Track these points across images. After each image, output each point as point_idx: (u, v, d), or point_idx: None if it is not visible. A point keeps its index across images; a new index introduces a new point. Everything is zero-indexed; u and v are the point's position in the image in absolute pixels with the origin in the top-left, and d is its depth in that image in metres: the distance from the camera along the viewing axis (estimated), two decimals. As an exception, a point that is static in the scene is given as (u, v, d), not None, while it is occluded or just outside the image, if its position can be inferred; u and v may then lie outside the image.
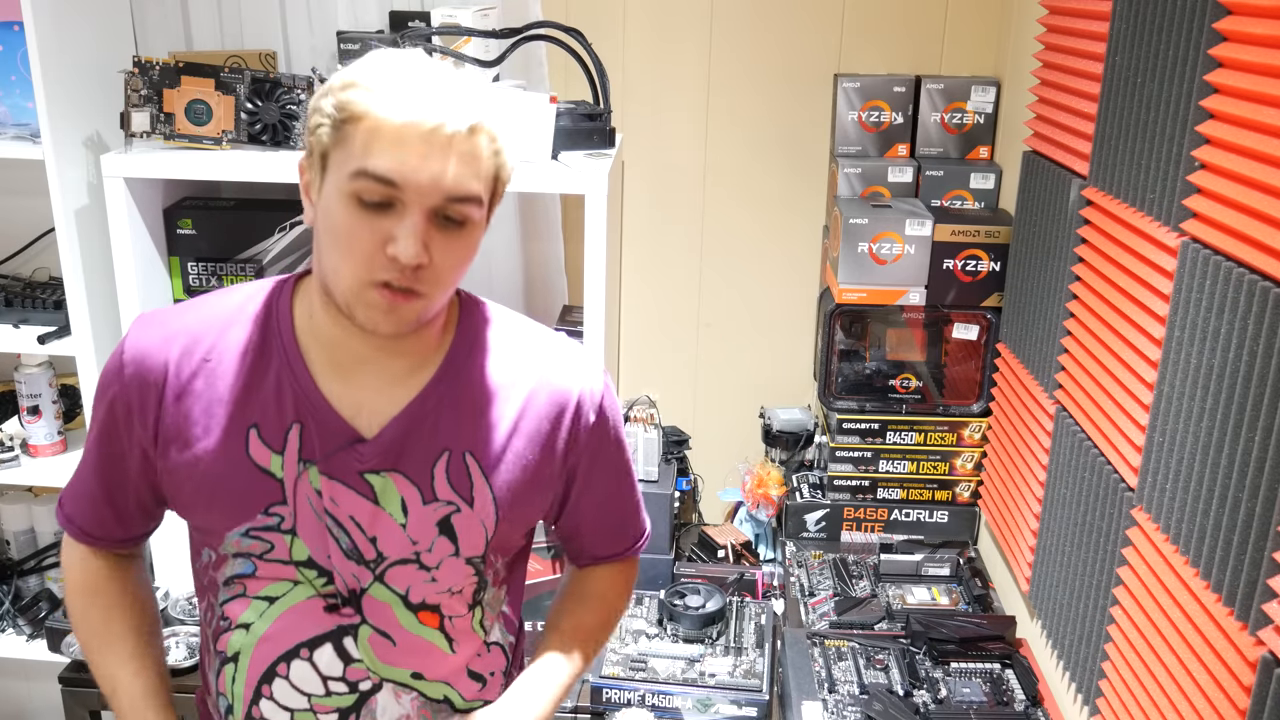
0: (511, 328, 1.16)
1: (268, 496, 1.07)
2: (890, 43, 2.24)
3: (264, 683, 1.11)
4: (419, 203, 0.95)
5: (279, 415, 1.06)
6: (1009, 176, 2.09)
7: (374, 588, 1.10)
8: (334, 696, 1.11)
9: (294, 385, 1.06)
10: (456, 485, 1.09)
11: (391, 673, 1.12)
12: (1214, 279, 1.17)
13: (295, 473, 1.06)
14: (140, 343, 1.08)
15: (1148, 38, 1.38)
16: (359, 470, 1.07)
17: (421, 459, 1.08)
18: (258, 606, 1.10)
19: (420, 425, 1.08)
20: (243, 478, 1.06)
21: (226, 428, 1.06)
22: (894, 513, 2.15)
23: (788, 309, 2.42)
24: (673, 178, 2.36)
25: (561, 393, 1.14)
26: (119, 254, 1.96)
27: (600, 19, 2.24)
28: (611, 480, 1.23)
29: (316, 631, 1.10)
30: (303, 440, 1.06)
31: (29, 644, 2.21)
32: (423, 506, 1.09)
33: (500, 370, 1.12)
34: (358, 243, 0.96)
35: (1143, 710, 1.30)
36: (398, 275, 0.97)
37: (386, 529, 1.08)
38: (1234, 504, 1.11)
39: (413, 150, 0.94)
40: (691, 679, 1.85)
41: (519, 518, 1.15)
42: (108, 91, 1.99)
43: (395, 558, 1.09)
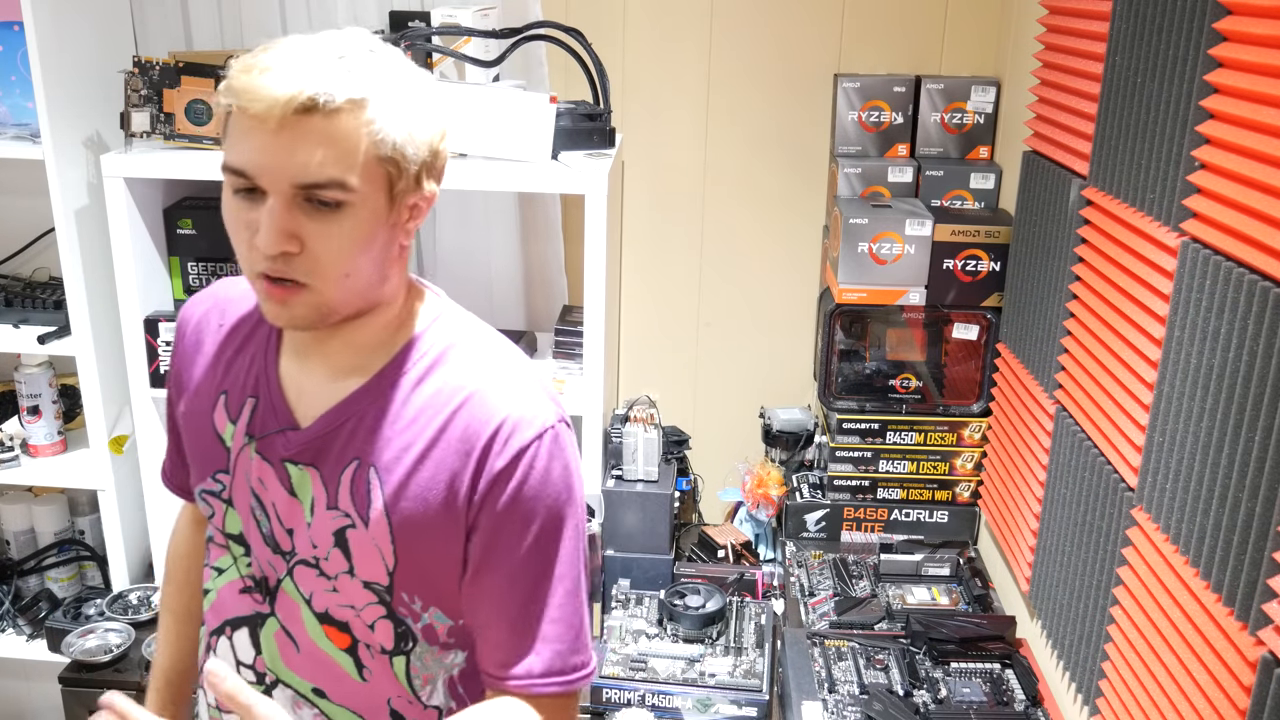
0: (471, 345, 1.05)
1: (216, 462, 1.10)
2: (890, 43, 2.24)
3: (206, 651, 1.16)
4: (274, 189, 0.91)
5: (243, 387, 1.09)
6: (1009, 176, 2.09)
7: (286, 582, 1.07)
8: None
9: (261, 362, 1.09)
10: (356, 498, 1.02)
11: (291, 679, 1.08)
12: (1214, 279, 1.17)
13: (240, 445, 1.08)
14: (188, 305, 1.18)
15: (1148, 38, 1.38)
16: (283, 456, 1.05)
17: (335, 462, 1.03)
18: (211, 575, 1.15)
19: (343, 427, 1.03)
20: (206, 439, 1.11)
21: (207, 389, 1.12)
22: (894, 513, 2.15)
23: (788, 309, 2.42)
24: (673, 178, 2.36)
25: (480, 423, 0.99)
26: (119, 254, 1.96)
27: (600, 19, 2.24)
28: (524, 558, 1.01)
29: (240, 612, 1.11)
30: (253, 415, 1.08)
31: (29, 644, 2.21)
32: (325, 511, 1.03)
33: (435, 389, 1.02)
34: (236, 235, 0.96)
35: (1143, 710, 1.30)
36: (269, 265, 0.93)
37: (299, 524, 1.05)
38: (1234, 504, 1.11)
39: (257, 138, 0.90)
40: (691, 679, 1.85)
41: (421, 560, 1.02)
42: (108, 91, 1.99)
43: (300, 556, 1.05)
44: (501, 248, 2.33)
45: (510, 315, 2.39)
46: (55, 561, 2.29)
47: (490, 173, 1.89)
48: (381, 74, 0.93)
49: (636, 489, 2.09)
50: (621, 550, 2.09)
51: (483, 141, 1.88)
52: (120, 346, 2.04)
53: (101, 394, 2.07)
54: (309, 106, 0.89)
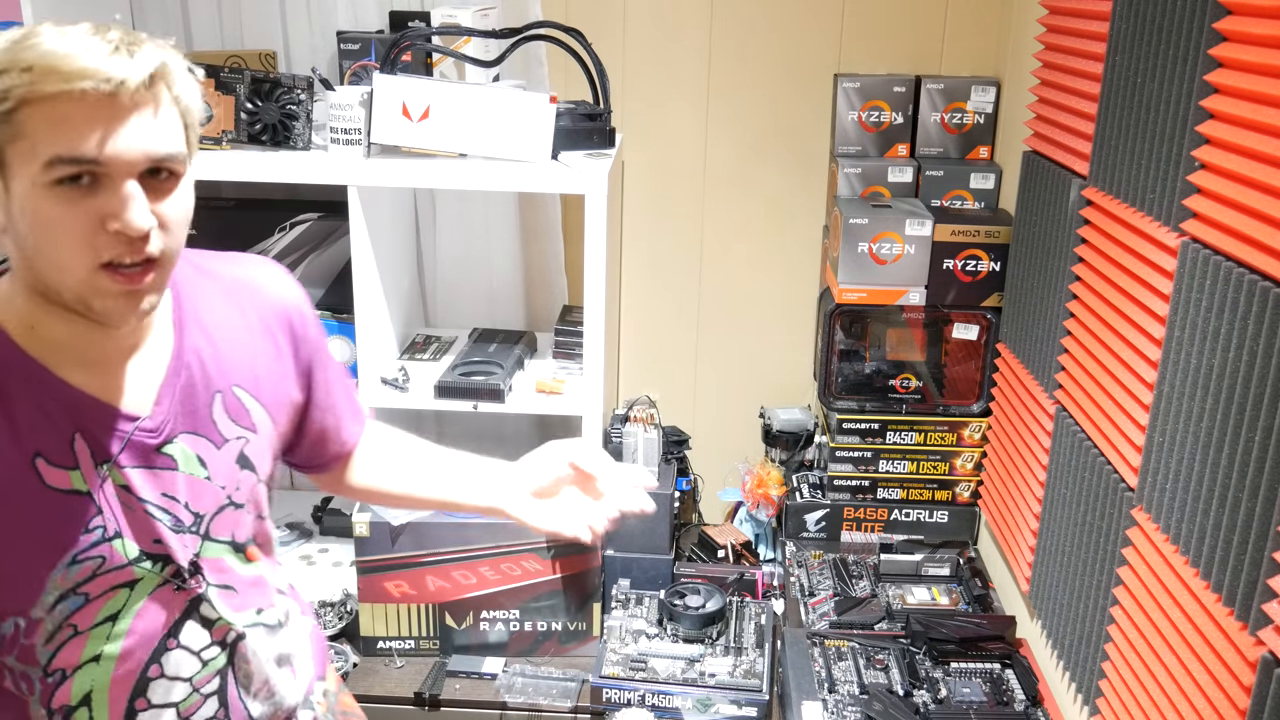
0: (209, 261, 1.18)
1: (83, 514, 1.00)
2: (890, 43, 2.24)
3: (136, 698, 1.07)
4: (126, 171, 0.90)
5: (55, 433, 0.99)
6: (1009, 176, 2.09)
7: (204, 547, 1.10)
8: (210, 664, 1.12)
9: (55, 397, 0.99)
10: (238, 419, 1.12)
11: (243, 618, 1.14)
12: (1214, 279, 1.17)
13: (98, 479, 1.01)
14: None
15: (1148, 38, 1.38)
16: (155, 447, 1.05)
17: (201, 411, 1.09)
18: (99, 634, 1.04)
19: (186, 383, 1.08)
20: (50, 508, 0.99)
21: (9, 469, 0.97)
22: (894, 513, 2.15)
23: (788, 309, 2.42)
24: (673, 178, 2.36)
25: (277, 304, 1.18)
26: (119, 254, 1.96)
27: (600, 19, 2.24)
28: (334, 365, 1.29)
29: (173, 617, 1.08)
30: (91, 445, 1.01)
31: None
32: (218, 451, 1.10)
33: (224, 304, 1.14)
34: (73, 229, 0.90)
35: (1143, 710, 1.30)
36: (127, 248, 0.92)
37: (196, 488, 1.08)
38: (1234, 504, 1.11)
39: (97, 120, 0.88)
40: (691, 679, 1.85)
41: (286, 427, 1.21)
42: (108, 91, 1.99)
43: (212, 510, 1.10)
44: (501, 248, 2.33)
45: (510, 315, 2.39)
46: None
47: (490, 173, 1.89)
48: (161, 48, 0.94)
49: (636, 489, 2.09)
50: (621, 550, 2.09)
51: (483, 141, 1.88)
52: (120, 346, 2.03)
53: (101, 394, 2.07)
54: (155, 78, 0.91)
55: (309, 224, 2.08)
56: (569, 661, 2.02)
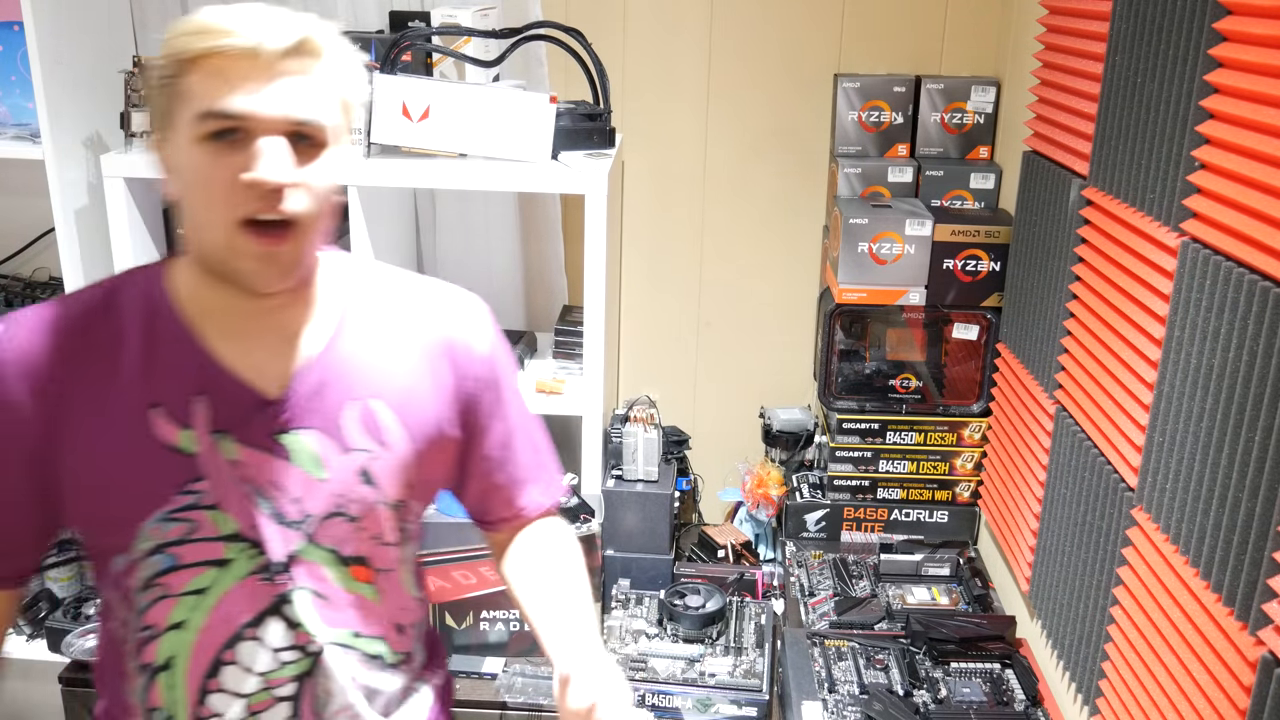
0: (395, 277, 1.18)
1: (181, 474, 1.03)
2: (890, 43, 2.24)
3: (210, 677, 1.09)
4: (266, 128, 0.95)
5: (180, 390, 1.03)
6: (1009, 176, 2.09)
7: (305, 549, 1.08)
8: (287, 667, 1.10)
9: (191, 358, 1.04)
10: (370, 432, 1.10)
11: (332, 634, 1.12)
12: (1214, 279, 1.17)
13: (208, 445, 1.04)
14: (17, 345, 1.03)
15: (1148, 38, 1.38)
16: (271, 432, 1.06)
17: (331, 412, 1.08)
18: (187, 603, 1.07)
19: (324, 379, 1.08)
20: (150, 459, 1.03)
21: (124, 412, 1.03)
22: (894, 513, 2.15)
23: (788, 309, 2.42)
24: (673, 178, 2.36)
25: (449, 335, 1.16)
26: (119, 254, 1.96)
27: (600, 19, 2.24)
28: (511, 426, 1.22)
29: (258, 608, 1.08)
30: (212, 411, 1.04)
31: (29, 644, 2.21)
32: (340, 457, 1.08)
33: (393, 317, 1.14)
34: (216, 180, 0.96)
35: (1143, 710, 1.30)
36: (263, 202, 0.96)
37: (308, 487, 1.07)
38: (1234, 504, 1.11)
39: (245, 78, 0.94)
40: (691, 679, 1.85)
41: (432, 461, 1.16)
42: (108, 91, 1.99)
43: (321, 514, 1.08)
44: (501, 248, 2.33)
45: (510, 315, 2.39)
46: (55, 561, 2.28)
47: (490, 173, 1.89)
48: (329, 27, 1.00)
49: (636, 489, 2.09)
50: (621, 550, 2.09)
51: (483, 141, 1.88)
52: (120, 346, 2.04)
53: (101, 394, 2.07)
54: (304, 48, 0.96)
55: (309, 224, 2.08)
56: (569, 661, 2.02)
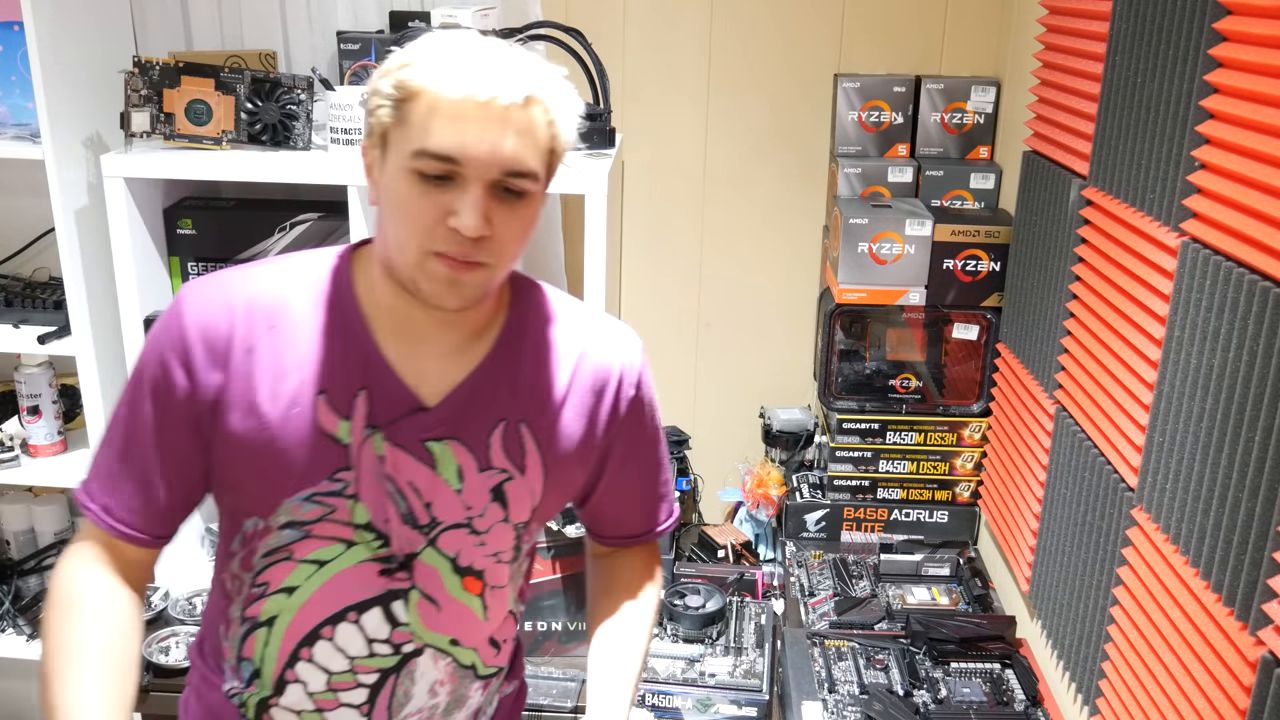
0: (560, 303, 1.20)
1: (334, 462, 1.07)
2: (890, 43, 2.24)
3: (304, 645, 1.12)
4: (478, 176, 0.97)
5: (346, 382, 1.07)
6: (1009, 176, 2.09)
7: (425, 552, 1.12)
8: (377, 658, 1.14)
9: (360, 353, 1.08)
10: (510, 453, 1.13)
11: (433, 638, 1.15)
12: (1214, 279, 1.17)
13: (361, 438, 1.07)
14: (203, 310, 1.06)
15: (1148, 38, 1.38)
16: (421, 438, 1.09)
17: (479, 428, 1.11)
18: (304, 570, 1.11)
19: (479, 395, 1.11)
20: (310, 443, 1.06)
21: (294, 395, 1.06)
22: (894, 513, 2.15)
23: (788, 309, 2.42)
24: (673, 178, 2.36)
25: (604, 367, 1.18)
26: (119, 254, 1.96)
27: (600, 19, 2.24)
28: (646, 457, 1.26)
29: (366, 595, 1.11)
30: (370, 407, 1.07)
31: (29, 644, 2.21)
32: (478, 473, 1.12)
33: (551, 344, 1.16)
34: (420, 215, 0.98)
35: (1143, 710, 1.30)
36: (458, 247, 0.99)
37: (442, 495, 1.11)
38: (1234, 504, 1.11)
39: (469, 126, 0.96)
40: (691, 679, 1.85)
41: (562, 486, 1.19)
42: (108, 91, 1.99)
43: (449, 522, 1.12)
44: (502, 248, 2.32)
45: (510, 315, 2.38)
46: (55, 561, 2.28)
47: (490, 173, 1.89)
48: (552, 75, 1.02)
49: (636, 489, 2.09)
50: (621, 550, 2.09)
51: (483, 141, 1.87)
52: (120, 346, 2.04)
53: (101, 394, 2.07)
54: (530, 102, 0.98)
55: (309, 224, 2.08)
56: (569, 661, 2.02)
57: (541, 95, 0.99)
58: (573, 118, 1.04)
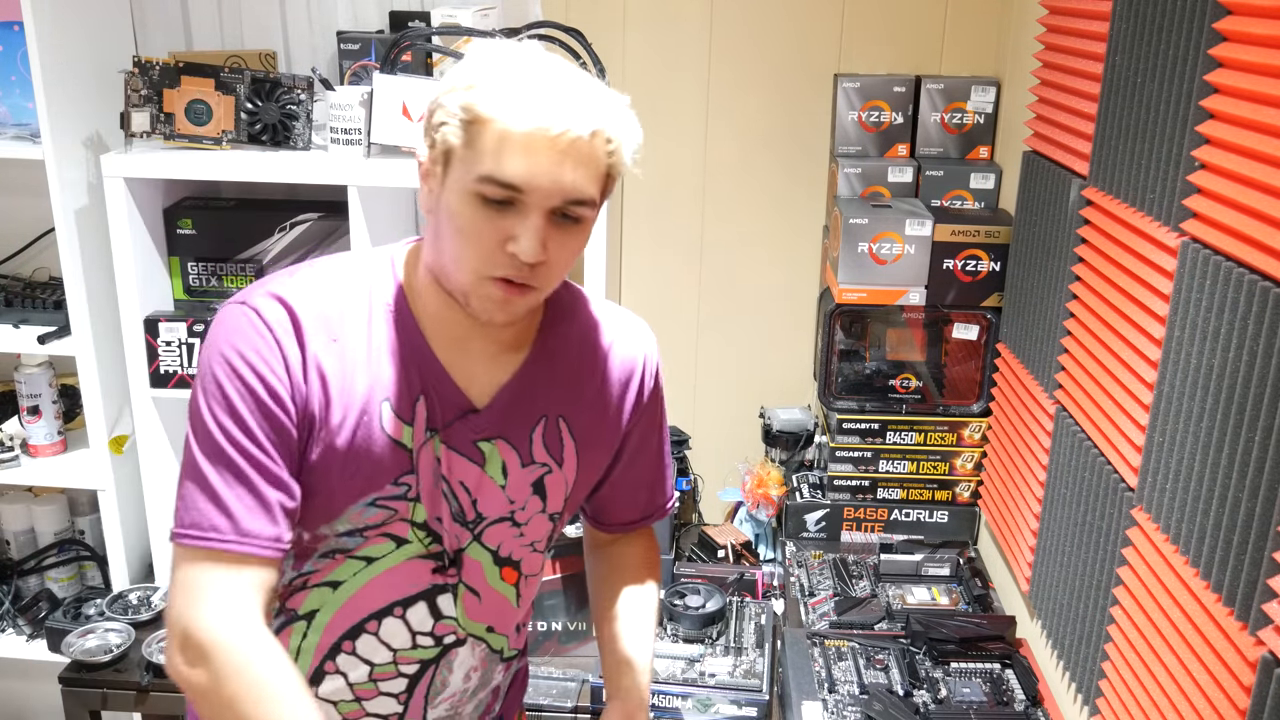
0: (585, 298, 1.24)
1: (400, 466, 1.10)
2: (890, 43, 2.24)
3: (347, 638, 1.15)
4: (541, 204, 0.99)
5: (407, 388, 1.09)
6: (1009, 176, 2.09)
7: (470, 547, 1.16)
8: (419, 649, 1.18)
9: (417, 359, 1.10)
10: (550, 448, 1.18)
11: (474, 628, 1.20)
12: (1214, 279, 1.17)
13: (421, 441, 1.10)
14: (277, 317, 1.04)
15: (1148, 38, 1.38)
16: (473, 439, 1.13)
17: (522, 425, 1.15)
18: (352, 565, 1.13)
19: (522, 394, 1.15)
20: (379, 450, 1.08)
21: (362, 404, 1.07)
22: (894, 513, 2.15)
23: (788, 309, 2.42)
24: (673, 178, 2.36)
25: (630, 358, 1.23)
26: (119, 254, 1.96)
27: (600, 19, 2.24)
28: (656, 443, 1.31)
29: (413, 590, 1.15)
30: (428, 412, 1.10)
31: (29, 644, 2.21)
32: (521, 469, 1.16)
33: (583, 340, 1.20)
34: (481, 238, 1.00)
35: (1143, 710, 1.30)
36: (516, 271, 1.02)
37: (488, 491, 1.15)
38: (1234, 504, 1.11)
39: (539, 157, 0.97)
40: (691, 679, 1.85)
41: (589, 475, 1.24)
42: (108, 91, 1.99)
43: (493, 517, 1.16)
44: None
45: (510, 315, 2.38)
46: (55, 561, 2.29)
47: (490, 173, 1.89)
48: (618, 105, 1.04)
49: (636, 489, 2.09)
50: (621, 550, 2.09)
51: (483, 141, 1.87)
52: (120, 346, 2.04)
53: (101, 394, 2.07)
54: (594, 135, 0.99)
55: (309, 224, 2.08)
56: (569, 661, 2.02)
57: (608, 128, 1.01)
58: (633, 145, 1.06)
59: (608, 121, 1.01)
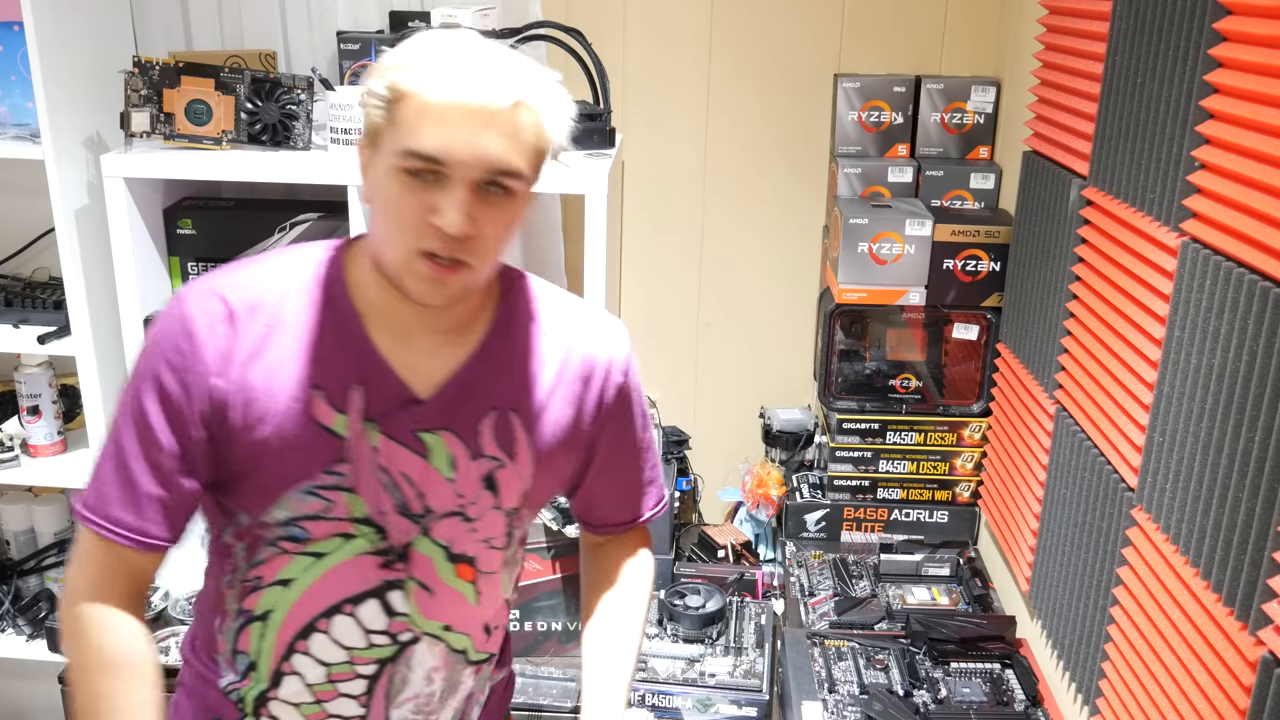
0: (548, 295, 1.22)
1: (331, 455, 1.09)
2: (890, 43, 2.24)
3: (300, 638, 1.14)
4: (463, 176, 0.99)
5: (342, 376, 1.09)
6: (1009, 176, 2.09)
7: (419, 542, 1.14)
8: (375, 649, 1.16)
9: (355, 348, 1.09)
10: (501, 441, 1.14)
11: (428, 625, 1.17)
12: (1214, 279, 1.17)
13: (358, 431, 1.09)
14: (202, 312, 1.07)
15: (1148, 38, 1.38)
16: (414, 429, 1.11)
17: (470, 417, 1.13)
18: (301, 562, 1.12)
19: (470, 386, 1.13)
20: (308, 437, 1.08)
21: (292, 390, 1.07)
22: (894, 513, 2.15)
23: (788, 309, 2.42)
24: (673, 177, 2.36)
25: (592, 356, 1.19)
26: (119, 254, 1.96)
27: (600, 19, 2.24)
28: (633, 445, 1.27)
29: (363, 587, 1.13)
30: (365, 400, 1.09)
31: (29, 644, 2.22)
32: (470, 462, 1.14)
33: (539, 334, 1.18)
34: (405, 213, 1.00)
35: (1143, 710, 1.30)
36: (442, 245, 1.01)
37: (435, 484, 1.13)
38: (1234, 504, 1.11)
39: (457, 128, 0.97)
40: (691, 679, 1.85)
41: (551, 474, 1.21)
42: (108, 91, 1.99)
43: (442, 511, 1.14)
44: (502, 248, 2.33)
45: (510, 315, 2.38)
46: (55, 561, 2.29)
47: (490, 173, 1.89)
48: (543, 78, 1.04)
49: (636, 489, 2.09)
50: (621, 550, 2.09)
51: (483, 141, 1.87)
52: (120, 346, 2.04)
53: (101, 394, 2.07)
54: (520, 106, 0.99)
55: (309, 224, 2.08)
56: (569, 661, 2.02)
57: (531, 99, 1.00)
58: (563, 119, 1.05)
59: (530, 93, 1.00)
